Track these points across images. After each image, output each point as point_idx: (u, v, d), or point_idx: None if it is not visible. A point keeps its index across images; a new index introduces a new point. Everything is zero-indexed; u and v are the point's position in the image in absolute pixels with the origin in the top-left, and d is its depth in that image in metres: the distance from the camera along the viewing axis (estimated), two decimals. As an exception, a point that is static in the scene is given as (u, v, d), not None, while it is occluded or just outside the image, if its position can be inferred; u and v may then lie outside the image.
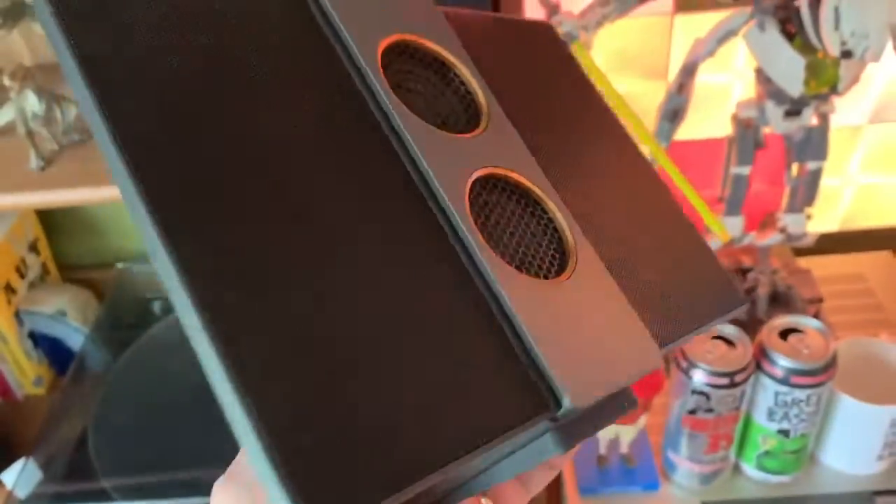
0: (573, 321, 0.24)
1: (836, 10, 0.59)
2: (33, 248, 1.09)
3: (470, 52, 0.29)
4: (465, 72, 0.29)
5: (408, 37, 0.28)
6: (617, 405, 0.24)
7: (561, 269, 0.26)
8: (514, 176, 0.27)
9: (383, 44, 0.27)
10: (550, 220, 0.28)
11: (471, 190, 0.26)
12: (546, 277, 0.25)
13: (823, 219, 0.99)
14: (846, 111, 0.90)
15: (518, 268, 0.25)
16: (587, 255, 0.27)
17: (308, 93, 0.24)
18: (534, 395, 0.22)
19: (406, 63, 0.28)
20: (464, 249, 0.24)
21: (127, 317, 1.08)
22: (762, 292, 0.88)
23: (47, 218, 1.11)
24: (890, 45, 0.62)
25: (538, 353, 0.22)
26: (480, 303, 0.23)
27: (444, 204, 0.24)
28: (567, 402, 0.22)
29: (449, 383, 0.19)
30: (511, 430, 0.20)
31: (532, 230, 0.27)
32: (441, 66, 0.29)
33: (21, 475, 0.89)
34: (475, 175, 0.26)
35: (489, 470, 0.25)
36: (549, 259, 0.26)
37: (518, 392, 0.21)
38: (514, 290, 0.23)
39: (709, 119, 0.88)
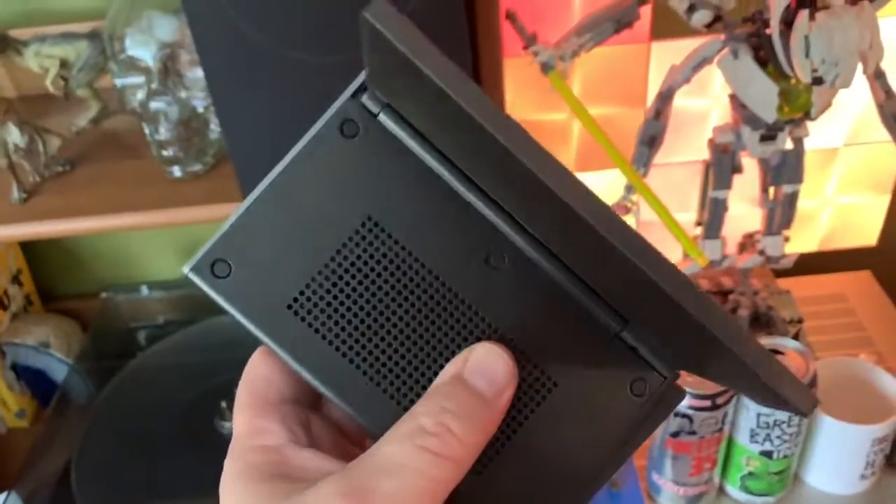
0: None
1: (806, 38, 0.61)
2: (16, 279, 1.08)
3: None
4: None
5: None
6: None
7: None
8: None
9: None
10: None
11: None
12: None
13: (802, 239, 1.00)
14: (822, 134, 0.91)
15: None
16: None
17: None
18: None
19: None
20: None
21: (111, 347, 1.08)
22: (743, 314, 0.89)
23: (30, 248, 1.11)
24: (860, 70, 0.64)
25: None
26: None
27: None
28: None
29: None
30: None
31: None
32: None
33: (3, 509, 0.88)
34: None
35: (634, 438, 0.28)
36: None
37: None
38: None
39: (687, 142, 0.90)
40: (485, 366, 0.25)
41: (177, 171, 0.79)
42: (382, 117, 0.27)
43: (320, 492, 0.24)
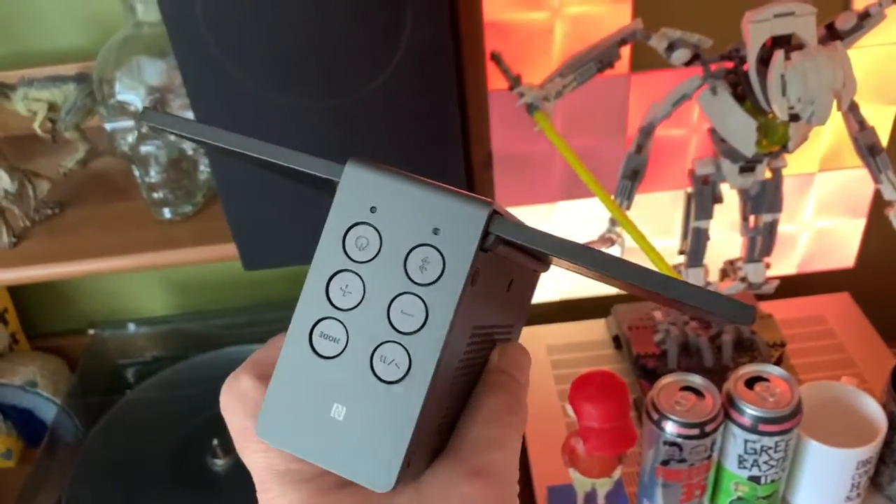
0: None
1: (782, 77, 0.63)
2: (2, 318, 1.08)
3: None
4: None
5: None
6: None
7: None
8: None
9: None
10: None
11: None
12: None
13: (782, 263, 1.02)
14: (799, 161, 0.94)
15: None
16: None
17: None
18: None
19: None
20: None
21: (99, 385, 1.07)
22: (727, 339, 0.90)
23: (15, 285, 1.10)
24: (835, 105, 0.66)
25: None
26: None
27: None
28: None
29: None
30: None
31: None
32: None
33: (-6, 554, 0.87)
34: None
35: None
36: None
37: None
38: None
39: (668, 171, 0.92)
40: (518, 361, 0.33)
41: (167, 213, 0.79)
42: (499, 250, 0.27)
43: (439, 477, 0.28)
